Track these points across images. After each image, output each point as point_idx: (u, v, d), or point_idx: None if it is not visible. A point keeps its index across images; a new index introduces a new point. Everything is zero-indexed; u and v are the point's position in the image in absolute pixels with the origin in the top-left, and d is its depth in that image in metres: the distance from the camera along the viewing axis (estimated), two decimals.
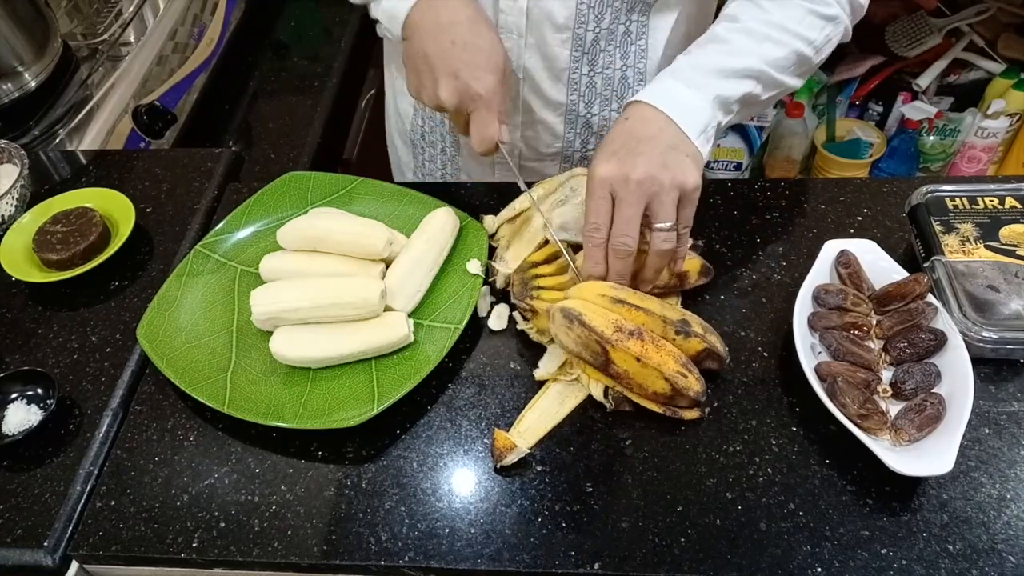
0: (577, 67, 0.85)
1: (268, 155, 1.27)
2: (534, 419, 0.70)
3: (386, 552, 0.63)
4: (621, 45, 0.85)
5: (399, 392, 0.70)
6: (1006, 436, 0.66)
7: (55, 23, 1.25)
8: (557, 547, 0.62)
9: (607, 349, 0.66)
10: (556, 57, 0.84)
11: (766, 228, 0.84)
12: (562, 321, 0.67)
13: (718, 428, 0.68)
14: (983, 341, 0.68)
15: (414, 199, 0.86)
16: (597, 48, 0.84)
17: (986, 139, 1.78)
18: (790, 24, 0.73)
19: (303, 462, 0.69)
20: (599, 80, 0.87)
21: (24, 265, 0.85)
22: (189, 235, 0.90)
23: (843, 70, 1.86)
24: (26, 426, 0.71)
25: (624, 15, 0.82)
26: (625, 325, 0.66)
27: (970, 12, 1.78)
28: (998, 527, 0.61)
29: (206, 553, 0.64)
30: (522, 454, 0.66)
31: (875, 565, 0.59)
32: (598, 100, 0.89)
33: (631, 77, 0.88)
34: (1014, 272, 0.72)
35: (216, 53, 1.37)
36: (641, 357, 0.65)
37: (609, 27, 0.82)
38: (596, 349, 0.66)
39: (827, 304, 0.72)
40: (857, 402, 0.64)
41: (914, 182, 0.83)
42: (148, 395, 0.75)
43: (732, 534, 0.62)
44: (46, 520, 0.66)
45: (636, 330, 0.66)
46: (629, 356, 0.65)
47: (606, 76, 0.87)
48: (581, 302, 0.68)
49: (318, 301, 0.73)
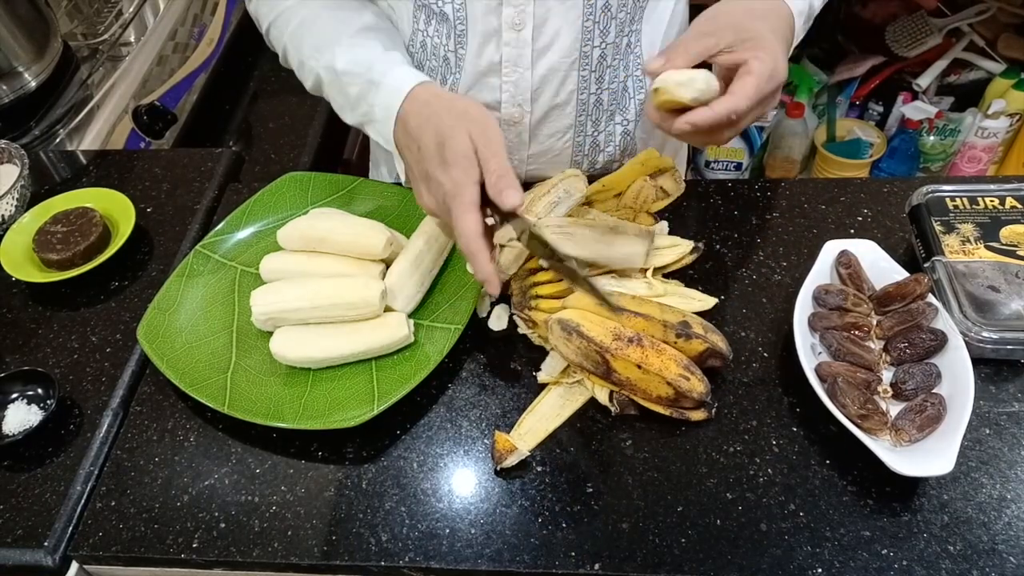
0: (585, 87, 0.83)
1: (268, 155, 1.27)
2: (535, 421, 0.70)
3: (386, 552, 0.63)
4: (624, 56, 0.83)
5: (399, 392, 0.69)
6: (1006, 436, 0.66)
7: (55, 23, 1.25)
8: (557, 547, 0.62)
9: (607, 358, 0.66)
10: (564, 81, 0.82)
11: (766, 228, 0.84)
12: (560, 333, 0.67)
13: (718, 428, 0.68)
14: (983, 341, 0.68)
15: (414, 199, 0.86)
16: (604, 64, 0.82)
17: (986, 139, 1.78)
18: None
19: (303, 462, 0.69)
20: (606, 96, 0.85)
21: (24, 265, 0.85)
22: (189, 235, 0.90)
23: (843, 70, 1.86)
24: (26, 426, 0.71)
25: (627, 26, 0.81)
26: (624, 333, 0.66)
27: (970, 12, 1.78)
28: (998, 528, 0.61)
29: (206, 553, 0.64)
30: (522, 456, 0.66)
31: (875, 565, 0.59)
32: (604, 116, 0.87)
33: (631, 87, 0.87)
34: (1014, 272, 0.72)
35: (216, 53, 1.37)
36: (642, 364, 0.65)
37: (615, 41, 0.81)
38: (596, 359, 0.66)
39: (827, 304, 0.72)
40: (857, 402, 0.64)
41: (914, 182, 0.83)
42: (148, 395, 0.75)
43: (732, 534, 0.62)
44: (46, 520, 0.66)
45: (635, 337, 0.66)
46: (630, 363, 0.65)
47: (612, 91, 0.85)
48: (579, 312, 0.68)
49: (318, 301, 0.73)
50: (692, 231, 0.84)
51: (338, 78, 0.76)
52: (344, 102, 0.77)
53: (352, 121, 0.79)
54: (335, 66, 0.76)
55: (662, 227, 0.83)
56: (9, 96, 1.17)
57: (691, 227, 0.84)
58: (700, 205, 0.87)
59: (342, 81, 0.76)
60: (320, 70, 0.78)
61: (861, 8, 1.89)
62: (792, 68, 1.90)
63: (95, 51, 1.30)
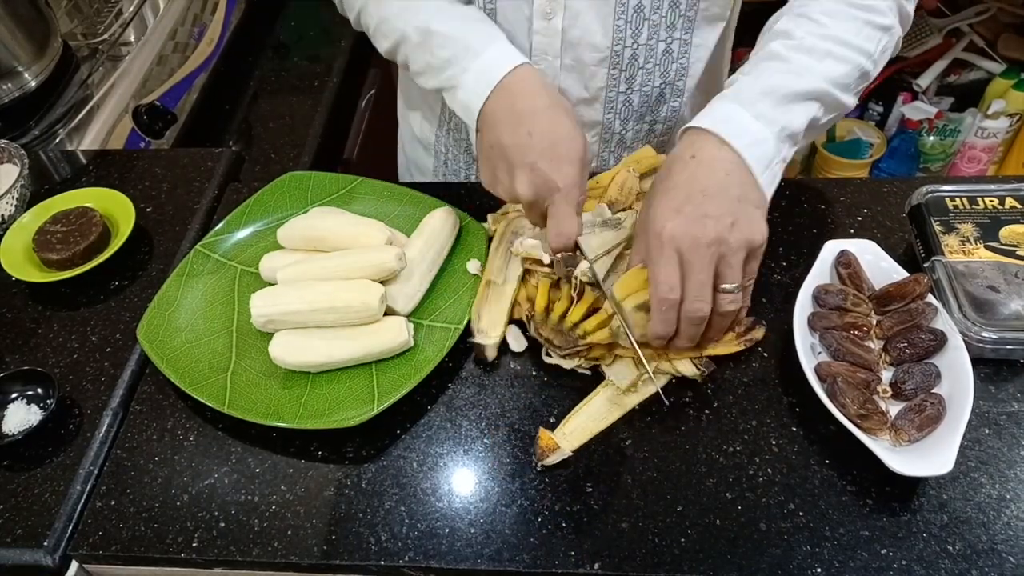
0: (615, 85, 0.83)
1: (268, 155, 1.26)
2: (581, 422, 0.69)
3: (386, 552, 0.63)
4: (661, 63, 0.82)
5: (399, 392, 0.70)
6: (1006, 436, 0.66)
7: (55, 23, 1.25)
8: (557, 547, 0.62)
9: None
10: (593, 76, 0.82)
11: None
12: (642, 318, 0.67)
13: (718, 428, 0.68)
14: (983, 341, 0.68)
15: (414, 199, 0.86)
16: (635, 65, 0.81)
17: (986, 139, 1.78)
18: (849, 37, 0.68)
19: (303, 462, 0.69)
20: (636, 98, 0.85)
21: (24, 265, 0.85)
22: (189, 235, 0.90)
23: None
24: (26, 426, 0.71)
25: (664, 31, 0.80)
26: None
27: (970, 12, 1.78)
28: (998, 527, 0.61)
29: (206, 553, 0.64)
30: (564, 455, 0.66)
31: (875, 565, 0.59)
32: (633, 117, 0.87)
33: (668, 94, 0.86)
34: (1014, 272, 0.72)
35: (216, 53, 1.37)
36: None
37: (647, 43, 0.80)
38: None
39: (827, 304, 0.72)
40: (857, 402, 0.64)
41: (914, 182, 0.83)
42: (148, 395, 0.75)
43: (732, 534, 0.62)
44: (46, 520, 0.66)
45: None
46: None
47: (643, 94, 0.84)
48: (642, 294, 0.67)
49: (317, 305, 0.73)
50: None
51: (430, 39, 0.74)
52: (429, 65, 0.75)
53: (432, 85, 0.76)
54: (430, 27, 0.73)
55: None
56: (9, 96, 1.17)
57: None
58: None
59: (433, 42, 0.73)
60: (409, 29, 0.75)
61: None
62: None
63: (95, 51, 1.30)
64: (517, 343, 0.75)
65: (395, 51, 0.79)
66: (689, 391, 0.71)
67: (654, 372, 0.70)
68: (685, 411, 0.70)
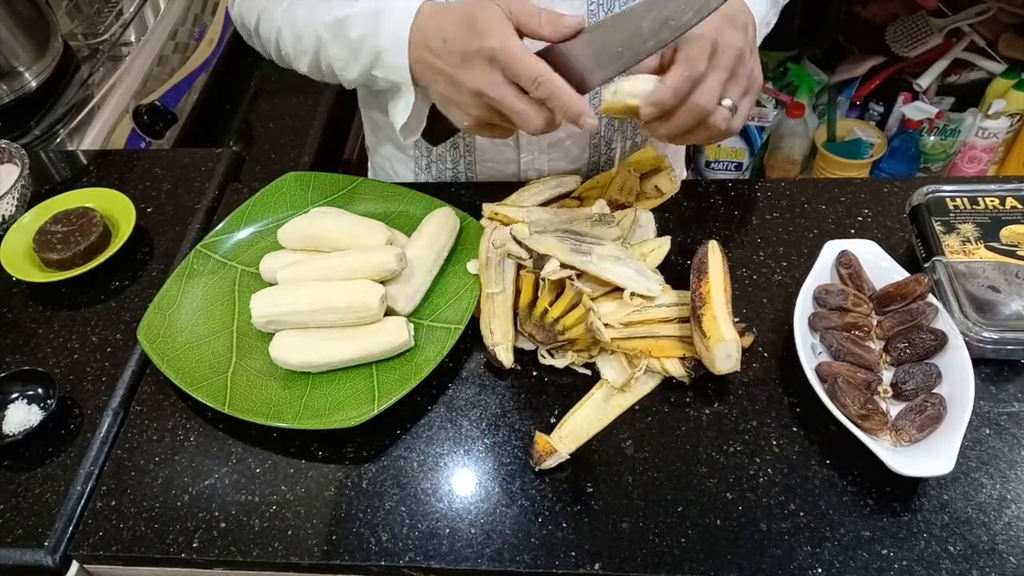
0: None
1: (268, 155, 1.27)
2: (577, 424, 0.69)
3: (386, 552, 0.63)
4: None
5: (399, 393, 0.69)
6: (1007, 437, 0.66)
7: (56, 23, 1.25)
8: (557, 547, 0.62)
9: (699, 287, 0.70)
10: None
11: (766, 228, 0.84)
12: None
13: (718, 428, 0.68)
14: (984, 341, 0.68)
15: (414, 199, 0.86)
16: None
17: (987, 139, 1.78)
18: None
19: (303, 462, 0.69)
20: None
21: (24, 265, 0.85)
22: (189, 235, 0.90)
23: (843, 70, 1.86)
24: (26, 426, 0.71)
25: None
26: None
27: (970, 12, 1.78)
28: (999, 528, 0.61)
29: (206, 553, 0.64)
30: (562, 459, 0.66)
31: (876, 566, 0.59)
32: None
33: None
34: (1015, 272, 0.71)
35: (217, 53, 1.37)
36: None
37: None
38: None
39: (828, 304, 0.72)
40: (858, 402, 0.64)
41: (915, 182, 0.83)
42: (148, 395, 0.75)
43: (733, 534, 0.62)
44: (46, 520, 0.66)
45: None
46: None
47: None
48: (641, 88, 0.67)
49: (317, 305, 0.73)
50: (692, 231, 0.84)
51: (338, 26, 0.72)
52: (347, 53, 0.73)
53: (357, 73, 0.74)
54: (337, 15, 0.72)
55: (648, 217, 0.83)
56: (9, 96, 1.18)
57: (691, 227, 0.84)
58: (700, 205, 0.87)
59: (343, 27, 0.72)
60: (318, 28, 0.74)
61: (861, 8, 1.89)
62: (792, 68, 1.91)
63: (95, 51, 1.30)
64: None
65: (318, 61, 0.77)
66: (689, 391, 0.71)
67: (644, 372, 0.71)
68: (685, 411, 0.70)
